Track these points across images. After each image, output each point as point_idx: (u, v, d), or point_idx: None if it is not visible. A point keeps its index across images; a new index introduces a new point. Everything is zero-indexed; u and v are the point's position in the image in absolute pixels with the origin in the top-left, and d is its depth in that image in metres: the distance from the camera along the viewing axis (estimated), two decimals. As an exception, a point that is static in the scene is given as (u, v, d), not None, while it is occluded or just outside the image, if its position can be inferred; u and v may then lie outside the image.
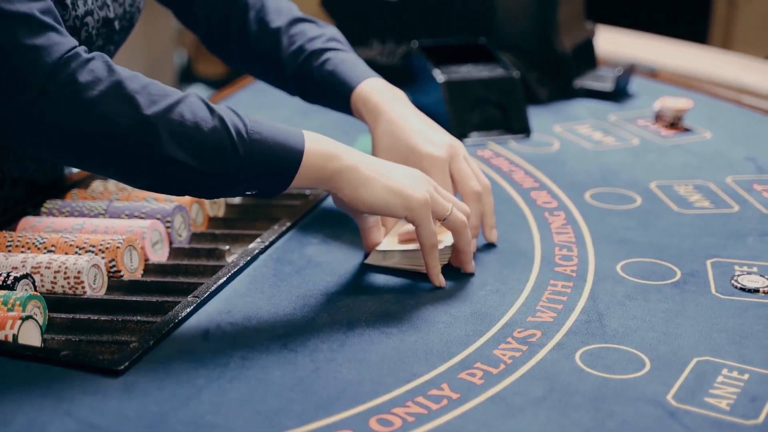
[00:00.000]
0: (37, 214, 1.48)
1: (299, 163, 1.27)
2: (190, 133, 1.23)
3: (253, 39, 1.65)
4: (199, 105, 1.25)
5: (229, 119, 1.25)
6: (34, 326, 1.20)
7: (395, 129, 1.50)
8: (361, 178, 1.30)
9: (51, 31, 1.23)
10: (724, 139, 1.91)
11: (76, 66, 1.22)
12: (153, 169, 1.24)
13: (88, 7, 1.42)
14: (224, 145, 1.24)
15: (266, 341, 1.22)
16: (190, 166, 1.23)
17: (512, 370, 1.17)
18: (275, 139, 1.26)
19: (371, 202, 1.31)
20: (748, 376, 1.17)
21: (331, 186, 1.30)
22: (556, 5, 2.10)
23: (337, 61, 1.59)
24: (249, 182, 1.27)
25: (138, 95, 1.22)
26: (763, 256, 1.45)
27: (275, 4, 1.67)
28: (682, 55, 2.67)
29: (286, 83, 1.65)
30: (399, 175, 1.33)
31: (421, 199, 1.31)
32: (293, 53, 1.62)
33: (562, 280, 1.38)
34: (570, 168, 1.76)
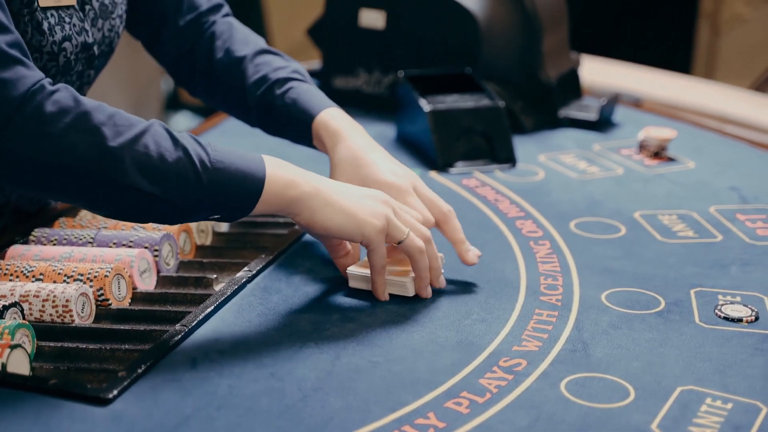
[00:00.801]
0: (26, 243, 1.49)
1: (261, 191, 1.30)
2: (154, 163, 1.25)
3: (218, 67, 1.67)
4: (163, 135, 1.27)
5: (193, 149, 1.27)
6: (22, 355, 1.20)
7: (356, 157, 1.52)
8: (318, 204, 1.32)
9: (18, 65, 1.25)
10: (707, 168, 1.92)
11: (42, 98, 1.24)
12: (118, 198, 1.26)
13: (66, 33, 1.44)
14: (188, 174, 1.26)
15: (254, 370, 1.23)
16: (155, 195, 1.25)
17: (498, 399, 1.18)
18: (237, 167, 1.28)
19: (327, 227, 1.34)
20: (732, 406, 1.18)
21: (289, 212, 1.33)
22: (541, 36, 2.12)
23: (299, 91, 1.61)
24: (211, 209, 1.29)
25: (103, 126, 1.24)
26: (747, 285, 1.47)
27: (242, 35, 1.69)
28: (666, 85, 2.70)
29: (248, 112, 1.66)
30: (356, 199, 1.35)
31: (377, 225, 1.34)
32: (256, 81, 1.64)
33: (547, 310, 1.39)
34: (555, 197, 1.78)
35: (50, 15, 1.42)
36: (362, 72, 2.20)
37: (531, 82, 2.13)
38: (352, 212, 1.33)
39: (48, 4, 1.42)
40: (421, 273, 1.39)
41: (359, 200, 1.35)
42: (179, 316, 1.33)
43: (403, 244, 1.37)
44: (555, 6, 2.19)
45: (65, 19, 1.44)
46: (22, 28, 1.38)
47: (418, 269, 1.39)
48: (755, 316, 1.38)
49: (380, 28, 2.18)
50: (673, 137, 1.97)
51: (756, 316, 1.38)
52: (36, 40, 1.39)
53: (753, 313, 1.38)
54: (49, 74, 1.43)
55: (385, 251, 1.37)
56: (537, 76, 2.12)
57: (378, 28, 2.18)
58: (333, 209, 1.33)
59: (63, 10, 1.44)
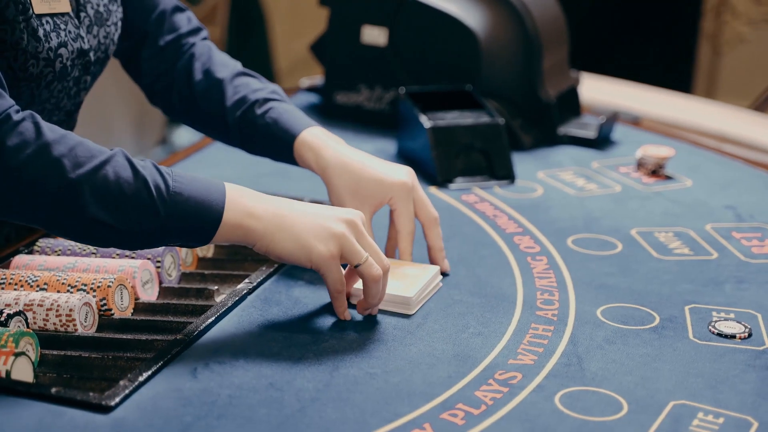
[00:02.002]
0: (30, 253, 1.51)
1: (219, 222, 1.31)
2: (112, 194, 1.27)
3: (197, 88, 1.69)
4: (124, 166, 1.29)
5: (152, 179, 1.29)
6: (26, 362, 1.22)
7: (352, 168, 1.56)
8: (272, 232, 1.34)
9: None
10: (704, 187, 1.94)
11: (5, 130, 1.26)
12: (79, 228, 1.29)
13: (62, 39, 1.46)
14: (144, 205, 1.28)
15: (253, 380, 1.25)
16: (112, 225, 1.28)
17: (493, 411, 1.20)
18: (196, 198, 1.30)
19: (279, 254, 1.35)
20: (723, 420, 1.20)
21: (246, 242, 1.34)
22: (541, 54, 2.14)
23: (280, 110, 1.64)
24: (170, 238, 1.31)
25: (64, 158, 1.27)
26: (740, 302, 1.49)
27: (221, 58, 1.73)
28: (665, 104, 2.72)
29: (228, 132, 1.69)
30: (310, 223, 1.35)
31: (323, 253, 1.34)
32: (236, 102, 1.66)
33: (543, 324, 1.41)
34: (553, 214, 1.80)
35: (45, 22, 1.44)
36: (364, 88, 2.22)
37: (530, 100, 2.15)
38: (301, 240, 1.34)
39: (43, 11, 1.44)
40: (369, 299, 1.39)
41: (314, 224, 1.35)
42: (180, 327, 1.35)
43: (360, 269, 1.36)
44: (555, 25, 2.21)
45: (60, 26, 1.47)
46: (17, 35, 1.40)
47: (368, 295, 1.39)
48: (748, 332, 1.39)
49: (382, 44, 2.20)
50: (671, 156, 2.00)
51: (749, 332, 1.40)
52: (32, 46, 1.42)
53: (746, 330, 1.40)
54: (45, 80, 1.45)
55: (340, 275, 1.37)
56: (537, 94, 2.15)
57: (380, 44, 2.21)
58: (285, 236, 1.34)
59: (58, 17, 1.47)
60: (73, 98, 1.54)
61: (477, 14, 2.14)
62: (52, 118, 1.53)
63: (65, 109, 1.54)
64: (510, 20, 2.14)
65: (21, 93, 1.44)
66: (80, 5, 1.52)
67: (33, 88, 1.44)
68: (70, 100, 1.53)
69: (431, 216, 1.55)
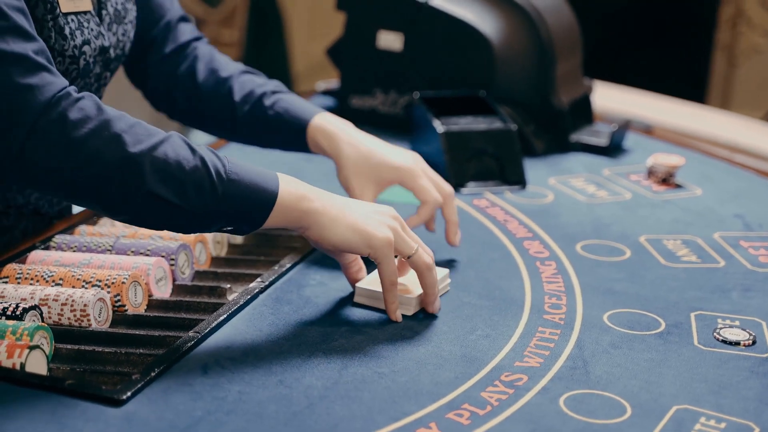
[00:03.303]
0: (47, 249, 1.53)
1: (273, 204, 1.34)
2: (172, 171, 1.29)
3: (203, 86, 1.74)
4: (181, 144, 1.32)
5: (210, 159, 1.32)
6: (40, 355, 1.24)
7: (362, 150, 1.63)
8: (327, 219, 1.37)
9: (44, 71, 1.30)
10: (714, 196, 1.96)
11: (66, 105, 1.29)
12: (136, 204, 1.30)
13: (85, 37, 1.50)
14: (204, 183, 1.30)
15: (263, 377, 1.27)
16: (172, 202, 1.30)
17: (498, 412, 1.22)
18: (252, 180, 1.33)
19: (335, 242, 1.37)
20: (725, 425, 1.21)
21: (299, 226, 1.37)
22: (555, 61, 2.16)
23: (289, 100, 1.70)
24: (225, 220, 1.34)
25: (125, 134, 1.29)
26: (746, 310, 1.50)
27: (224, 59, 1.79)
28: (678, 113, 2.73)
29: (235, 126, 1.73)
30: (364, 214, 1.39)
31: (383, 238, 1.37)
32: (244, 96, 1.72)
33: (550, 328, 1.42)
34: (563, 220, 1.82)
35: (71, 20, 1.47)
36: (379, 92, 2.24)
37: (543, 107, 2.17)
38: (359, 226, 1.37)
39: (68, 9, 1.47)
40: (429, 289, 1.43)
41: (367, 215, 1.39)
42: (193, 324, 1.37)
43: (413, 259, 1.40)
44: (569, 32, 2.23)
45: (84, 24, 1.50)
46: (46, 34, 1.43)
47: (426, 285, 1.42)
48: (753, 340, 1.41)
49: (398, 50, 2.23)
50: (681, 164, 2.01)
51: (753, 340, 1.41)
52: (59, 44, 1.45)
53: (751, 337, 1.41)
54: (69, 77, 1.48)
55: (395, 265, 1.40)
56: (549, 101, 2.16)
57: (395, 50, 2.23)
58: (340, 224, 1.37)
59: (81, 15, 1.50)
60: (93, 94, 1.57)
61: (492, 21, 2.16)
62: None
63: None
64: (524, 27, 2.15)
65: None
66: (101, 3, 1.55)
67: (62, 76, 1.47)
68: (90, 96, 1.56)
69: (445, 191, 1.61)
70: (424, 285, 1.42)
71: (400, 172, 1.61)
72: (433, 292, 1.43)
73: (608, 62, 3.90)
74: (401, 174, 1.61)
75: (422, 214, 1.61)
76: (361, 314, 1.44)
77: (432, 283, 1.42)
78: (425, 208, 1.61)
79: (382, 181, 1.62)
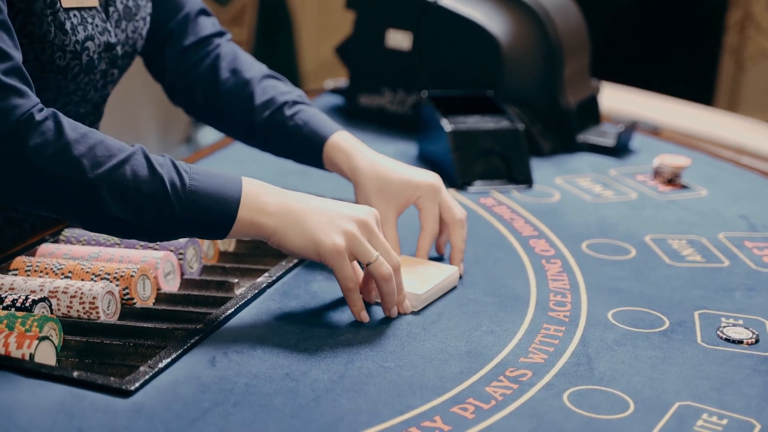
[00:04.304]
0: (56, 242, 1.55)
1: (234, 219, 1.35)
2: (129, 193, 1.31)
3: (224, 86, 1.72)
4: (141, 164, 1.33)
5: (168, 177, 1.33)
6: (49, 347, 1.26)
7: (382, 170, 1.60)
8: (285, 226, 1.37)
9: (12, 94, 1.31)
10: (719, 197, 1.97)
11: (28, 130, 1.30)
12: (98, 223, 1.34)
13: (89, 33, 1.50)
14: (162, 204, 1.32)
15: (270, 370, 1.28)
16: (131, 222, 1.32)
17: (502, 406, 1.23)
18: (212, 197, 1.34)
19: (290, 249, 1.38)
20: (727, 422, 1.22)
21: (261, 237, 1.38)
22: (563, 62, 2.17)
23: (309, 113, 1.67)
24: (187, 233, 1.36)
25: (83, 158, 1.31)
26: (749, 309, 1.51)
27: (248, 59, 1.76)
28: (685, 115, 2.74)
29: (253, 131, 1.71)
30: (321, 218, 1.39)
31: (329, 245, 1.37)
32: (265, 102, 1.69)
33: (555, 325, 1.43)
34: (569, 219, 1.83)
35: (73, 15, 1.48)
36: (387, 91, 2.25)
37: (551, 107, 2.18)
38: (310, 232, 1.37)
39: (71, 5, 1.48)
40: (385, 297, 1.42)
41: (325, 219, 1.38)
42: (200, 317, 1.38)
43: (370, 267, 1.40)
44: (577, 33, 2.24)
45: (87, 20, 1.51)
46: (45, 28, 1.44)
47: (383, 293, 1.42)
48: (756, 338, 1.42)
49: (406, 49, 2.24)
50: (687, 165, 2.02)
51: (756, 338, 1.42)
52: (59, 39, 1.46)
53: (754, 336, 1.42)
54: (71, 72, 1.49)
55: (350, 271, 1.39)
56: (557, 101, 2.17)
57: (404, 49, 2.24)
58: (296, 230, 1.37)
59: (86, 11, 1.51)
60: (100, 91, 1.58)
61: (500, 21, 2.17)
62: (79, 110, 1.56)
63: (92, 101, 1.58)
64: (532, 28, 2.16)
65: (48, 84, 1.48)
66: (109, 0, 1.56)
67: (59, 80, 1.48)
68: (97, 92, 1.57)
69: (456, 217, 1.58)
70: (381, 293, 1.42)
71: (421, 190, 1.59)
72: (390, 300, 1.42)
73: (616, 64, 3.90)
74: (423, 192, 1.58)
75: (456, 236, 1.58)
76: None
77: (389, 292, 1.41)
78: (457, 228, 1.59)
79: (402, 200, 1.59)
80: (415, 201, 1.59)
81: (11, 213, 1.61)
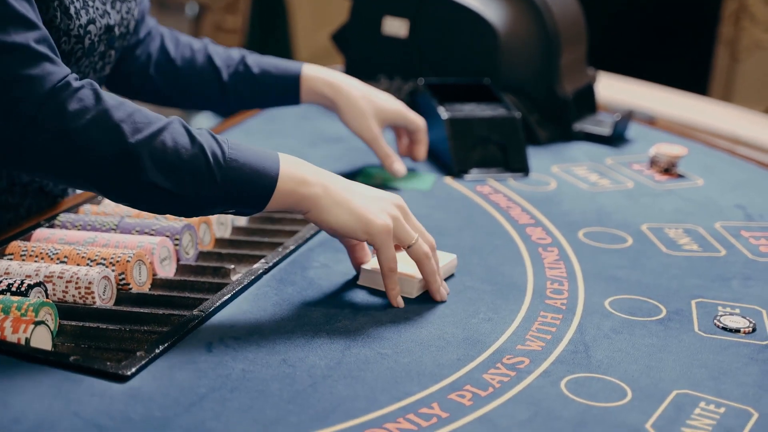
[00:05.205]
0: (51, 227, 1.54)
1: (273, 189, 1.34)
2: (170, 160, 1.30)
3: (178, 58, 1.81)
4: (180, 132, 1.32)
5: (209, 146, 1.32)
6: (45, 331, 1.25)
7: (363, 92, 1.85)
8: (327, 203, 1.37)
9: (45, 61, 1.31)
10: (716, 186, 1.97)
11: (66, 95, 1.29)
12: (135, 192, 1.31)
13: (90, 16, 1.50)
14: (202, 171, 1.31)
15: (266, 356, 1.27)
16: (170, 190, 1.30)
17: (500, 393, 1.23)
18: (251, 166, 1.33)
19: (334, 226, 1.38)
20: (725, 410, 1.22)
21: (300, 209, 1.37)
22: (560, 51, 2.16)
23: (268, 59, 1.84)
24: (225, 205, 1.34)
25: (123, 123, 1.29)
26: (746, 298, 1.51)
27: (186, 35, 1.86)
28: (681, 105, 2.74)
29: (224, 91, 1.81)
30: (366, 199, 1.39)
31: (381, 225, 1.38)
32: (225, 60, 1.81)
33: (552, 312, 1.43)
34: (565, 207, 1.82)
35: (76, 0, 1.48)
36: (384, 78, 2.24)
37: (548, 96, 2.18)
38: (358, 211, 1.38)
39: None
40: (429, 277, 1.43)
41: (369, 200, 1.40)
42: (197, 303, 1.38)
43: (412, 248, 1.41)
44: (574, 22, 2.24)
45: (89, 3, 1.50)
46: (51, 13, 1.43)
47: (426, 273, 1.43)
48: (753, 327, 1.42)
49: (403, 36, 2.23)
50: (684, 154, 2.02)
51: (753, 327, 1.42)
52: (64, 24, 1.45)
53: (751, 325, 1.42)
54: (75, 56, 1.49)
55: (394, 253, 1.40)
56: (554, 90, 2.17)
57: (401, 36, 2.23)
58: (341, 208, 1.37)
59: None
60: (98, 73, 1.58)
61: (497, 9, 2.16)
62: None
63: (91, 83, 1.58)
64: (530, 16, 2.16)
65: None
66: None
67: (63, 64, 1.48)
68: (95, 74, 1.57)
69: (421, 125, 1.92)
70: (424, 274, 1.43)
71: (397, 110, 1.86)
72: (435, 280, 1.43)
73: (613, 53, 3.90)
74: (398, 111, 1.86)
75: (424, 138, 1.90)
76: (365, 296, 1.45)
77: (431, 272, 1.43)
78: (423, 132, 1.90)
79: (384, 118, 1.84)
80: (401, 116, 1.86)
81: (6, 197, 1.61)
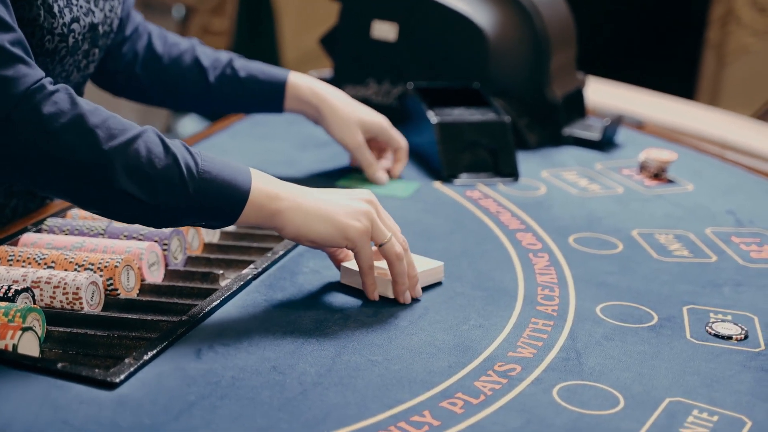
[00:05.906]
0: (38, 232, 1.53)
1: (245, 202, 1.33)
2: (143, 169, 1.29)
3: (165, 57, 1.80)
4: (155, 141, 1.31)
5: (182, 157, 1.31)
6: (33, 337, 1.24)
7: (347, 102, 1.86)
8: (301, 217, 1.36)
9: (19, 63, 1.29)
10: (706, 192, 1.96)
11: (40, 98, 1.28)
12: (107, 199, 1.30)
13: (74, 14, 1.49)
14: (174, 182, 1.30)
15: (256, 363, 1.26)
16: (141, 199, 1.29)
17: (491, 401, 1.22)
18: (224, 178, 1.32)
19: (312, 237, 1.37)
20: (718, 418, 1.22)
21: (273, 225, 1.36)
22: (549, 55, 2.16)
23: (255, 64, 1.83)
24: (196, 217, 1.33)
25: (98, 129, 1.28)
26: (738, 305, 1.51)
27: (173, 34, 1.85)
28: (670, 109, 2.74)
29: (208, 92, 1.81)
30: (337, 206, 1.39)
31: (359, 227, 1.38)
32: (213, 62, 1.80)
33: (543, 319, 1.42)
34: (555, 212, 1.82)
35: None
36: (372, 82, 2.23)
37: (537, 100, 2.17)
38: (334, 219, 1.37)
39: None
40: (398, 278, 1.42)
41: (342, 206, 1.38)
42: (185, 309, 1.37)
43: (384, 247, 1.40)
44: (564, 26, 2.23)
45: (72, 1, 1.49)
46: (35, 12, 1.42)
47: (396, 274, 1.42)
48: (745, 334, 1.41)
49: (392, 40, 2.22)
50: (673, 160, 2.01)
51: (746, 334, 1.41)
52: (48, 22, 1.44)
53: (743, 332, 1.42)
54: (59, 55, 1.48)
55: (371, 252, 1.40)
56: (543, 94, 2.16)
57: (390, 40, 2.22)
58: (315, 219, 1.37)
59: None
60: (82, 71, 1.57)
61: (487, 13, 2.16)
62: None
63: (74, 81, 1.57)
64: (519, 20, 2.15)
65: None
66: None
67: (47, 63, 1.47)
68: (79, 72, 1.56)
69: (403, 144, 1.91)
70: (393, 274, 1.42)
71: (380, 123, 1.87)
72: (402, 282, 1.42)
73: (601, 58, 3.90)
74: (380, 124, 1.87)
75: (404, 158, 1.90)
76: (355, 302, 1.44)
77: (400, 273, 1.42)
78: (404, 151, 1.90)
79: (366, 130, 1.85)
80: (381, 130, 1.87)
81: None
